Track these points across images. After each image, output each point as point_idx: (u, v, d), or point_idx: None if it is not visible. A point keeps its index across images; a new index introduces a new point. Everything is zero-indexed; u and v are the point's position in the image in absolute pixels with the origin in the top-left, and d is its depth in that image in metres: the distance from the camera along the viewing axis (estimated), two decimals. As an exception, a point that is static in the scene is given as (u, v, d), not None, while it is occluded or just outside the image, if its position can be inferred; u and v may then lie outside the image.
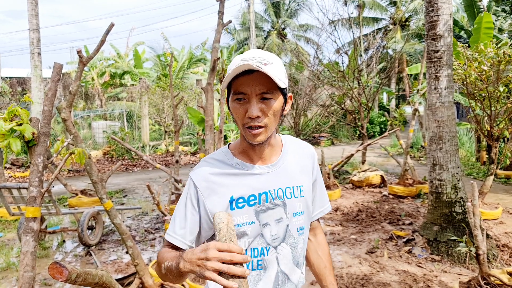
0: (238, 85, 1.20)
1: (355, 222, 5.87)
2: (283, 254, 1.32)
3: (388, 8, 24.77)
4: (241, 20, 29.22)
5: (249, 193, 1.27)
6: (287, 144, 1.40)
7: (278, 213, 1.30)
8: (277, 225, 1.30)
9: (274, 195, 1.30)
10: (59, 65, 2.31)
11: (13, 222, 6.33)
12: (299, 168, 1.39)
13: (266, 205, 1.28)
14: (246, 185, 1.27)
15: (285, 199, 1.31)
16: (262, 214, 1.28)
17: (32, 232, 2.26)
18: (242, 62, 1.17)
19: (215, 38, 4.19)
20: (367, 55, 10.59)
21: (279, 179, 1.32)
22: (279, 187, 1.31)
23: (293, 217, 1.33)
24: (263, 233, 1.28)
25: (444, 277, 3.95)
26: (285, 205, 1.31)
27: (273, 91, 1.20)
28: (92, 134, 16.50)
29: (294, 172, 1.36)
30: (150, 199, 7.75)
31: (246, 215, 1.26)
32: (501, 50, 4.65)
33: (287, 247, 1.33)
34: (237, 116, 1.23)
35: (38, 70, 10.13)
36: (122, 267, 4.49)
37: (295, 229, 1.35)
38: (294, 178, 1.36)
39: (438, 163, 4.69)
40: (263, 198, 1.28)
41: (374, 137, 17.35)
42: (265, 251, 1.29)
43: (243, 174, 1.28)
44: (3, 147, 2.19)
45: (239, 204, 1.25)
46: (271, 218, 1.29)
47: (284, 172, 1.33)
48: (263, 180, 1.29)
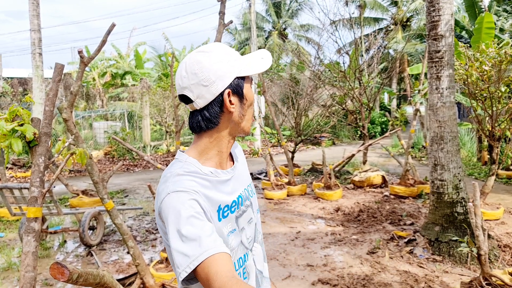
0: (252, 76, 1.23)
1: (356, 223, 5.87)
2: (257, 254, 1.30)
3: (389, 8, 24.76)
4: (242, 20, 29.20)
5: (230, 200, 1.21)
6: None
7: (249, 214, 1.28)
8: (249, 227, 1.27)
9: (245, 196, 1.28)
10: (61, 65, 2.32)
11: (14, 222, 6.34)
12: (245, 167, 1.39)
13: (242, 209, 1.25)
14: (224, 192, 1.20)
15: (250, 198, 1.31)
16: (239, 219, 1.23)
17: (34, 232, 2.26)
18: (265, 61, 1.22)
19: (216, 38, 4.18)
20: (368, 55, 10.57)
21: (241, 180, 1.30)
22: (244, 187, 1.29)
23: (257, 213, 1.33)
24: (242, 238, 1.23)
25: (446, 277, 3.94)
26: (251, 204, 1.30)
27: None
28: (93, 134, 16.52)
29: (245, 170, 1.36)
30: (151, 199, 7.75)
31: (230, 223, 1.19)
32: (502, 50, 4.65)
33: (258, 246, 1.32)
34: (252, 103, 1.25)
35: (40, 71, 10.14)
36: (123, 267, 4.49)
37: (260, 225, 1.35)
38: (246, 175, 1.36)
39: (439, 163, 4.68)
40: (240, 202, 1.25)
41: (375, 137, 17.33)
42: (246, 257, 1.24)
43: (218, 182, 1.20)
44: (4, 148, 2.20)
45: (224, 214, 1.18)
46: (245, 221, 1.26)
47: (240, 173, 1.31)
48: (233, 184, 1.24)
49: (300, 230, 5.61)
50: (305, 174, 9.87)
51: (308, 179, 9.27)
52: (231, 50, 1.21)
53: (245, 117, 1.22)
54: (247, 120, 1.23)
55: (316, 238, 5.26)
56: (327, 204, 6.94)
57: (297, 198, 7.50)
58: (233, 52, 1.20)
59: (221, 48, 1.19)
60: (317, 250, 4.83)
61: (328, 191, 7.30)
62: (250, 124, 1.23)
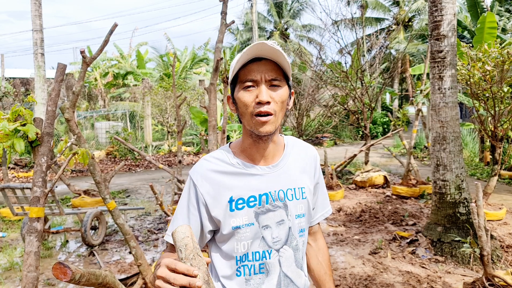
0: (246, 73, 1.20)
1: (358, 223, 5.86)
2: (285, 257, 1.30)
3: (391, 8, 24.74)
4: (244, 20, 29.22)
5: (249, 194, 1.24)
6: (289, 145, 1.38)
7: (279, 215, 1.27)
8: (278, 227, 1.27)
9: (275, 196, 1.27)
10: (63, 65, 2.32)
11: (16, 222, 6.35)
12: (301, 170, 1.36)
13: (267, 207, 1.25)
14: (245, 186, 1.25)
15: (286, 201, 1.29)
16: (262, 216, 1.25)
17: (36, 232, 2.26)
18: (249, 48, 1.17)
19: (218, 39, 4.18)
20: (370, 55, 10.57)
21: (281, 180, 1.29)
22: (280, 188, 1.28)
23: (295, 219, 1.31)
24: (264, 235, 1.25)
25: (448, 278, 3.93)
26: (286, 207, 1.29)
27: (281, 79, 1.22)
28: (95, 135, 16.55)
29: (296, 174, 1.34)
30: (153, 199, 7.75)
31: (246, 216, 1.23)
32: (505, 50, 4.63)
33: (290, 250, 1.30)
34: (245, 104, 1.21)
35: (42, 71, 10.15)
36: (125, 267, 4.49)
37: (297, 231, 1.33)
38: (296, 179, 1.33)
39: (441, 164, 4.67)
40: (263, 200, 1.25)
41: (377, 137, 17.32)
42: (267, 254, 1.27)
43: (243, 174, 1.26)
44: (7, 147, 2.20)
45: (238, 205, 1.23)
46: (272, 220, 1.26)
47: (285, 173, 1.31)
48: (264, 181, 1.26)
49: (302, 230, 5.60)
50: (306, 174, 9.84)
51: (310, 179, 9.25)
52: (237, 56, 1.23)
53: (244, 118, 1.24)
54: (247, 121, 1.23)
55: (318, 238, 5.25)
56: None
57: (298, 198, 7.48)
58: (236, 58, 1.22)
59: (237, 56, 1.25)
60: (319, 250, 4.82)
61: (330, 191, 7.29)
62: (254, 124, 1.21)
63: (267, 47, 1.15)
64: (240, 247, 1.24)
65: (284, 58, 1.18)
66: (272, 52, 1.16)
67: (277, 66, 1.20)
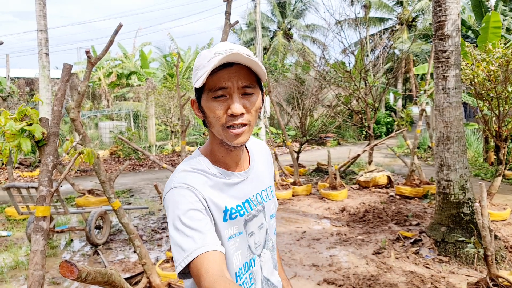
0: (216, 80, 1.07)
1: (361, 223, 5.86)
2: (265, 261, 1.28)
3: (395, 8, 24.65)
4: (248, 20, 29.22)
5: (236, 203, 1.19)
6: (249, 146, 1.32)
7: (260, 219, 1.25)
8: (259, 232, 1.25)
9: (255, 201, 1.24)
10: (69, 65, 2.34)
11: (21, 221, 6.39)
12: (265, 168, 1.35)
13: (252, 213, 1.22)
14: (232, 195, 1.18)
15: (263, 203, 1.27)
16: (249, 223, 1.21)
17: (42, 231, 2.28)
18: (220, 55, 1.05)
19: (222, 39, 4.19)
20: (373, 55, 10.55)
21: (255, 184, 1.26)
22: (256, 192, 1.26)
23: (270, 220, 1.30)
24: (249, 243, 1.22)
25: (452, 278, 3.93)
26: (264, 209, 1.27)
27: (254, 85, 1.12)
28: (99, 134, 16.60)
29: (264, 174, 1.32)
30: (157, 199, 7.78)
31: (236, 226, 1.17)
32: (509, 50, 4.62)
33: (267, 252, 1.29)
34: (216, 116, 1.09)
35: (46, 71, 10.20)
36: (130, 266, 4.52)
37: (272, 232, 1.32)
38: (264, 179, 1.32)
39: (445, 164, 4.66)
40: (247, 206, 1.21)
41: (381, 137, 17.27)
42: (252, 262, 1.23)
43: (227, 184, 1.18)
44: (13, 147, 2.22)
45: (232, 216, 1.16)
46: (255, 225, 1.23)
47: (257, 176, 1.28)
48: (243, 188, 1.22)
49: (306, 230, 5.61)
50: (310, 174, 9.86)
51: (313, 179, 9.26)
52: (202, 54, 1.13)
53: (214, 128, 1.14)
54: (218, 132, 1.13)
55: (322, 238, 5.25)
56: (333, 204, 6.93)
57: (302, 198, 7.50)
58: (202, 59, 1.11)
59: (198, 56, 1.14)
60: (322, 250, 4.83)
61: (334, 191, 7.29)
62: (226, 136, 1.12)
63: (240, 57, 1.05)
64: (235, 259, 1.17)
65: (257, 64, 1.08)
66: (246, 58, 1.05)
67: (250, 71, 1.10)
